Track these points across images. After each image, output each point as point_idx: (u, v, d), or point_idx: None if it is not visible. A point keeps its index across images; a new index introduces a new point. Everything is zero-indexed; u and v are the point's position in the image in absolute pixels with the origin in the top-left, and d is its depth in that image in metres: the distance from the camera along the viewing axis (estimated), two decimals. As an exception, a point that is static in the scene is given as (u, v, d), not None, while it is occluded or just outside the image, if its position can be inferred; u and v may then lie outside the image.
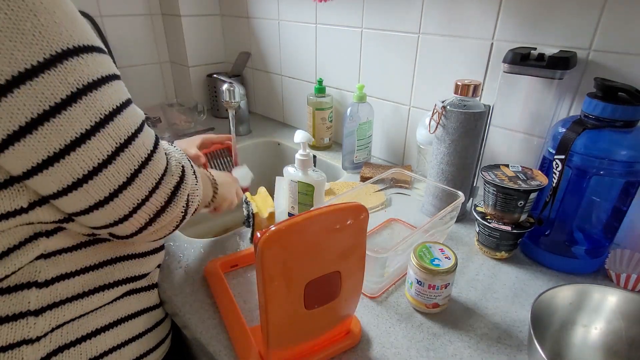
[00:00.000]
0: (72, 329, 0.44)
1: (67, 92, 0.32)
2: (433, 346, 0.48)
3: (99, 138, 0.35)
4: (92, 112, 0.34)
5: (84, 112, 0.34)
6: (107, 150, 0.36)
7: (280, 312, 0.39)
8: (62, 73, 0.32)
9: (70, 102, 0.33)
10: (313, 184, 0.67)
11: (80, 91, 0.33)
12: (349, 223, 0.40)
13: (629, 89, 0.52)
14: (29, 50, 0.30)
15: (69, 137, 0.33)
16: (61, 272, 0.42)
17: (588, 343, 0.47)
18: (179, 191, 0.43)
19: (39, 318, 0.41)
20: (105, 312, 0.47)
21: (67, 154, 0.34)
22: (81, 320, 0.45)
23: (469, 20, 0.74)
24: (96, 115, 0.35)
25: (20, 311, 0.40)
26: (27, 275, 0.40)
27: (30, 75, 0.30)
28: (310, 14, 1.03)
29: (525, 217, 0.61)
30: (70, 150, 0.34)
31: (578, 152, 0.54)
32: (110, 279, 0.47)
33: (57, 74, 0.32)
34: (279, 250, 0.36)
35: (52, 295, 0.42)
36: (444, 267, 0.50)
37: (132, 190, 0.38)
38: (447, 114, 0.66)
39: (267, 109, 1.34)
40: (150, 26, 1.32)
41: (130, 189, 0.38)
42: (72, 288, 0.43)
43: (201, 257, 0.64)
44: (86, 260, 0.44)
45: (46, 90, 0.31)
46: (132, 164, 0.38)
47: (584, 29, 0.61)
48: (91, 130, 0.34)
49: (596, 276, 0.60)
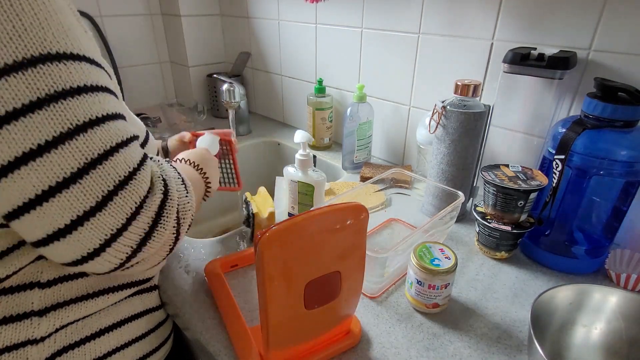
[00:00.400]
0: (76, 330, 0.44)
1: (32, 98, 0.29)
2: (433, 346, 0.48)
3: (62, 151, 0.30)
4: (59, 121, 0.30)
5: (48, 121, 0.30)
6: (70, 166, 0.30)
7: (280, 312, 0.39)
8: (32, 77, 0.29)
9: (33, 108, 0.29)
10: (313, 184, 0.67)
11: (50, 97, 0.30)
12: (349, 223, 0.40)
13: (629, 89, 0.52)
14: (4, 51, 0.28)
15: (22, 148, 0.29)
16: (64, 273, 0.42)
17: (588, 343, 0.47)
18: (164, 210, 0.36)
19: (43, 318, 0.41)
20: (109, 313, 0.47)
21: (17, 169, 0.29)
22: (85, 320, 0.45)
23: (469, 20, 0.74)
24: (63, 125, 0.30)
25: (24, 311, 0.40)
26: (30, 276, 0.40)
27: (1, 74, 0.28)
28: (310, 14, 1.03)
29: (525, 217, 0.61)
30: (21, 165, 0.29)
31: (578, 152, 0.54)
32: (115, 282, 0.47)
33: (25, 78, 0.29)
34: (279, 250, 0.36)
35: (55, 296, 0.42)
36: (444, 267, 0.49)
37: (102, 218, 0.32)
38: (447, 114, 0.66)
39: (267, 109, 1.34)
40: (150, 26, 1.32)
41: (100, 215, 0.32)
42: (76, 290, 0.43)
43: (201, 257, 0.64)
44: None
45: (5, 95, 0.28)
46: (106, 184, 0.32)
47: (584, 29, 0.61)
48: (53, 142, 0.30)
49: (596, 276, 0.60)
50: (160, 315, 0.55)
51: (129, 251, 0.35)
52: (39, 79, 0.29)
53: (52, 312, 0.42)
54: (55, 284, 0.42)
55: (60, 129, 0.30)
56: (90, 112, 0.32)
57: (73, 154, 0.31)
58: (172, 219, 0.37)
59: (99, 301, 0.45)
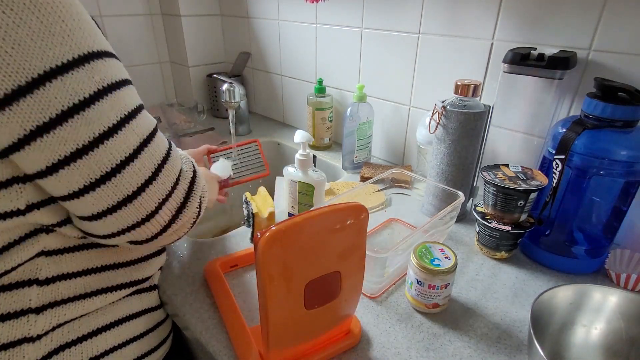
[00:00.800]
0: (73, 328, 0.44)
1: (94, 89, 0.34)
2: (433, 346, 0.48)
3: (125, 132, 0.36)
4: (118, 108, 0.36)
5: (110, 108, 0.35)
6: (132, 144, 0.37)
7: (280, 312, 0.39)
8: (89, 72, 0.34)
9: (98, 97, 0.34)
10: (313, 184, 0.67)
11: (106, 89, 0.35)
12: (349, 223, 0.40)
13: (629, 89, 0.52)
14: (59, 50, 0.32)
15: (98, 130, 0.35)
16: (62, 271, 0.42)
17: (588, 343, 0.47)
18: (194, 187, 0.44)
19: (40, 316, 0.41)
20: (107, 312, 0.47)
21: (96, 147, 0.35)
22: (82, 319, 0.45)
23: (469, 20, 0.74)
24: (121, 112, 0.36)
25: (21, 309, 0.40)
26: (28, 273, 0.40)
27: (61, 71, 0.32)
28: (310, 14, 1.03)
29: (525, 217, 0.61)
30: (98, 143, 0.35)
31: (578, 152, 0.54)
32: (113, 282, 0.47)
33: (85, 72, 0.34)
34: (279, 250, 0.36)
35: (53, 293, 0.42)
36: (444, 267, 0.49)
37: (157, 185, 0.39)
38: (447, 114, 0.66)
39: (267, 109, 1.34)
40: (150, 26, 1.32)
41: (155, 183, 0.39)
42: (74, 288, 0.43)
43: (201, 257, 0.64)
44: (88, 263, 0.44)
45: (76, 86, 0.33)
46: (155, 159, 0.39)
47: (584, 29, 0.61)
48: (117, 125, 0.36)
49: (596, 276, 0.60)
50: (159, 315, 0.55)
51: (170, 215, 0.42)
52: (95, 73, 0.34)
53: (49, 310, 0.42)
54: (54, 282, 0.42)
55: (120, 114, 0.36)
56: (132, 101, 0.38)
57: (132, 135, 0.37)
58: (197, 196, 0.44)
59: (97, 300, 0.46)
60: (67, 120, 0.33)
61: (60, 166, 0.34)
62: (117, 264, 0.47)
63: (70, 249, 0.43)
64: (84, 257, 0.44)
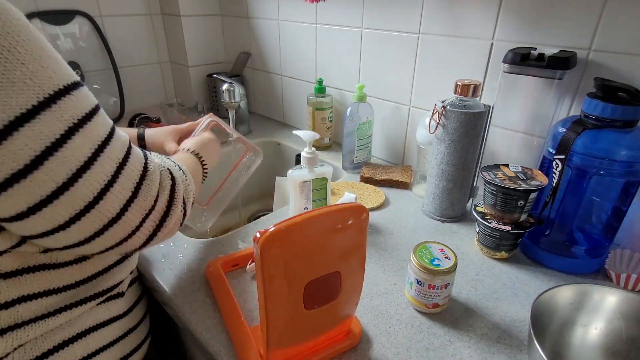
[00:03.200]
0: (36, 345, 0.43)
1: (65, 128, 0.34)
2: (433, 346, 0.48)
3: (100, 162, 0.37)
4: (90, 141, 0.36)
5: (83, 143, 0.35)
6: (109, 171, 0.38)
7: (280, 312, 0.39)
8: (57, 112, 0.34)
9: (70, 135, 0.34)
10: (326, 176, 0.67)
11: (77, 125, 0.35)
12: (350, 223, 0.40)
13: (629, 89, 0.52)
14: (22, 97, 0.32)
15: (74, 166, 0.35)
16: (21, 293, 0.41)
17: (588, 343, 0.47)
18: (175, 193, 0.45)
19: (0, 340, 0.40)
20: (72, 324, 0.46)
21: (75, 182, 0.35)
22: (46, 335, 0.43)
23: (469, 20, 0.74)
24: (94, 143, 0.36)
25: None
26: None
27: (28, 118, 0.32)
28: (310, 14, 1.03)
29: (525, 217, 0.61)
30: (77, 178, 0.35)
31: (578, 152, 0.54)
32: (77, 298, 0.45)
33: (53, 113, 0.33)
34: (279, 250, 0.36)
35: (12, 317, 0.40)
36: (444, 267, 0.50)
37: (139, 202, 0.40)
38: (447, 114, 0.66)
39: (267, 109, 1.34)
40: (150, 26, 1.32)
41: (137, 201, 0.40)
42: (35, 310, 0.42)
43: (201, 257, 0.64)
44: (49, 283, 0.43)
45: (46, 129, 0.33)
46: (134, 178, 0.40)
47: (584, 29, 0.61)
48: (92, 157, 0.36)
49: (596, 276, 0.60)
50: (129, 322, 0.53)
51: (154, 225, 0.43)
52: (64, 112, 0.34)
53: (9, 333, 0.40)
54: (13, 305, 0.40)
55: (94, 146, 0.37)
56: (104, 128, 0.38)
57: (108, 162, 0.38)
58: (180, 199, 0.46)
59: (61, 317, 0.44)
60: (42, 163, 0.33)
61: (42, 205, 0.34)
62: (80, 280, 0.45)
63: (29, 269, 0.41)
64: (44, 278, 0.42)
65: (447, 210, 0.73)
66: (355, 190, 0.84)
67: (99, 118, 0.38)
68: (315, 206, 0.69)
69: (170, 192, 0.44)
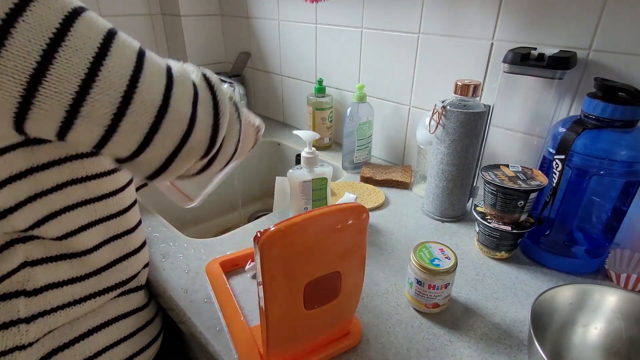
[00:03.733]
0: (64, 332, 0.44)
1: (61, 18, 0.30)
2: (433, 346, 0.48)
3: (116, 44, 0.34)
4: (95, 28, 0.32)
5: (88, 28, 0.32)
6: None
7: (280, 312, 0.39)
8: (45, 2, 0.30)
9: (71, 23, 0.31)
10: (326, 177, 0.67)
11: (72, 14, 0.31)
12: (350, 223, 0.40)
13: (629, 89, 0.52)
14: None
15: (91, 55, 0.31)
16: (50, 281, 0.42)
17: (588, 343, 0.47)
18: (240, 113, 0.45)
19: (31, 325, 0.41)
20: (97, 314, 0.47)
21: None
22: (73, 322, 0.45)
23: (469, 20, 0.74)
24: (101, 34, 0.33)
25: (10, 319, 0.40)
26: (16, 284, 0.40)
27: (20, 11, 0.28)
28: (310, 14, 1.03)
29: (525, 217, 0.61)
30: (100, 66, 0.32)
31: (578, 152, 0.54)
32: (100, 286, 0.47)
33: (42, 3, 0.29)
34: (279, 250, 0.36)
35: (42, 303, 0.41)
36: (444, 267, 0.50)
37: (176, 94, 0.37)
38: (447, 114, 0.66)
39: (267, 109, 1.34)
40: (150, 26, 1.32)
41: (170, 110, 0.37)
42: (62, 297, 0.43)
43: (201, 257, 0.64)
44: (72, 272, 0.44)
45: (41, 20, 0.29)
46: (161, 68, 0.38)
47: (584, 29, 0.61)
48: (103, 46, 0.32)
49: (596, 276, 0.60)
50: (147, 314, 0.55)
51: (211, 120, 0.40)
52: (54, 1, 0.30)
53: (40, 319, 0.41)
54: (42, 292, 0.41)
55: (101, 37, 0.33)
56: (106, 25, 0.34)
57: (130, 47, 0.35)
58: (239, 123, 0.44)
59: (87, 305, 0.45)
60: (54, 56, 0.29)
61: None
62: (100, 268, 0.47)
63: (53, 258, 0.42)
64: (68, 266, 0.43)
65: (447, 210, 0.73)
66: (355, 190, 0.84)
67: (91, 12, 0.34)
68: (315, 206, 0.69)
69: (235, 109, 0.43)
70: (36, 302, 0.41)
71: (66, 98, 0.31)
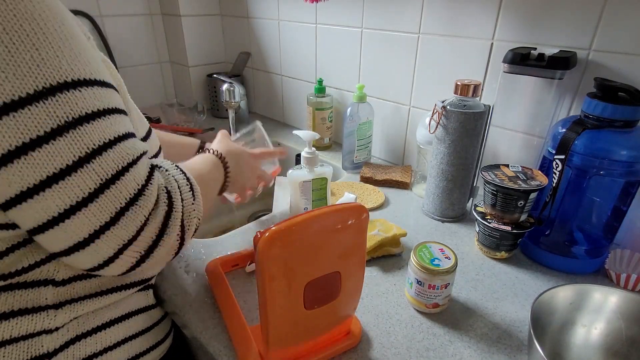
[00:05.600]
0: (88, 319, 0.45)
1: (53, 125, 0.31)
2: (433, 346, 0.48)
3: (81, 174, 0.33)
4: (78, 146, 0.33)
5: (68, 147, 0.32)
6: (88, 187, 0.33)
7: (280, 312, 0.39)
8: (52, 106, 0.31)
9: (55, 135, 0.32)
10: (326, 176, 0.67)
11: (69, 124, 0.32)
12: (350, 223, 0.40)
13: (629, 89, 0.52)
14: (20, 82, 0.30)
15: (46, 172, 0.32)
16: (77, 272, 0.43)
17: (588, 343, 0.47)
18: (169, 221, 0.39)
19: (59, 311, 0.42)
20: (119, 306, 0.49)
21: (42, 191, 0.32)
22: (97, 311, 0.46)
23: (469, 20, 0.74)
24: (81, 150, 0.33)
25: (39, 305, 0.41)
26: (45, 274, 0.41)
27: (15, 107, 0.30)
28: (310, 14, 1.03)
29: (525, 217, 0.61)
30: (45, 187, 0.32)
31: (578, 152, 0.54)
32: (126, 281, 0.48)
33: (46, 106, 0.31)
34: (279, 250, 0.36)
35: (69, 293, 0.43)
36: (444, 267, 0.50)
37: (116, 231, 0.35)
38: (447, 114, 0.66)
39: (267, 109, 1.34)
40: (150, 26, 1.32)
41: (114, 229, 0.35)
42: (88, 288, 0.44)
43: (201, 257, 0.64)
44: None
45: (29, 123, 0.31)
46: (119, 201, 0.35)
47: (584, 29, 0.61)
48: (73, 166, 0.33)
49: (596, 276, 0.60)
50: (157, 314, 0.55)
51: (138, 257, 0.38)
52: (58, 107, 0.32)
53: (67, 305, 0.43)
54: (70, 283, 0.43)
55: (79, 153, 0.33)
56: (104, 135, 0.35)
57: (90, 176, 0.33)
58: (176, 228, 0.40)
59: (112, 297, 0.47)
60: (13, 161, 0.31)
61: (7, 206, 0.32)
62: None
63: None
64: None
65: (447, 210, 0.73)
66: (355, 190, 0.84)
67: (104, 122, 0.34)
68: (315, 206, 0.69)
69: (163, 220, 0.38)
70: (63, 291, 0.42)
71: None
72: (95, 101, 0.34)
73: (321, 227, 0.38)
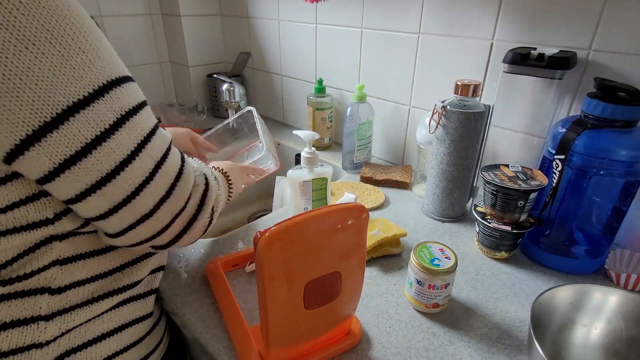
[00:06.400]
0: (79, 333, 0.44)
1: (114, 119, 0.36)
2: (433, 346, 0.48)
3: (141, 157, 0.38)
4: (135, 134, 0.38)
5: (128, 136, 0.37)
6: (148, 167, 0.39)
7: (280, 312, 0.39)
8: (108, 102, 0.35)
9: (117, 127, 0.36)
10: (326, 176, 0.67)
11: (124, 117, 0.37)
12: (350, 223, 0.40)
13: (629, 89, 0.52)
14: (81, 83, 0.33)
15: (118, 158, 0.36)
16: (74, 279, 0.43)
17: (588, 343, 0.47)
18: (206, 199, 0.46)
19: (50, 323, 0.41)
20: (112, 317, 0.48)
21: (117, 174, 0.37)
22: (89, 324, 0.45)
23: (469, 20, 0.74)
24: (138, 138, 0.38)
25: (31, 316, 0.40)
26: (42, 281, 0.41)
27: (83, 105, 0.34)
28: (310, 14, 1.03)
29: (525, 217, 0.61)
30: (119, 171, 0.37)
31: (578, 152, 0.54)
32: (118, 284, 0.48)
33: (105, 102, 0.35)
34: (279, 250, 0.36)
35: (63, 302, 0.42)
36: (444, 267, 0.50)
37: (171, 202, 0.42)
38: (447, 114, 0.66)
39: (267, 109, 1.34)
40: (150, 26, 1.32)
41: (169, 200, 0.41)
42: (83, 295, 0.44)
43: (201, 257, 0.64)
44: (97, 268, 0.45)
45: (97, 118, 0.35)
46: (169, 177, 0.41)
47: (584, 29, 0.61)
48: (135, 151, 0.38)
49: (596, 276, 0.60)
50: (151, 322, 0.54)
51: (182, 227, 0.44)
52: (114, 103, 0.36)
53: (58, 317, 0.42)
54: (65, 291, 0.42)
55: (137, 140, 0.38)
56: (149, 124, 0.40)
57: (148, 160, 0.39)
58: (209, 207, 0.47)
59: (104, 304, 0.46)
60: (91, 152, 0.35)
61: (87, 194, 0.36)
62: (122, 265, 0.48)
63: (82, 256, 0.43)
64: (94, 263, 0.45)
65: (447, 210, 0.73)
66: (355, 190, 0.84)
67: (144, 113, 0.39)
68: (315, 206, 0.69)
69: (201, 196, 0.45)
70: (58, 300, 0.42)
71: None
72: (135, 95, 0.39)
73: (321, 227, 0.38)
